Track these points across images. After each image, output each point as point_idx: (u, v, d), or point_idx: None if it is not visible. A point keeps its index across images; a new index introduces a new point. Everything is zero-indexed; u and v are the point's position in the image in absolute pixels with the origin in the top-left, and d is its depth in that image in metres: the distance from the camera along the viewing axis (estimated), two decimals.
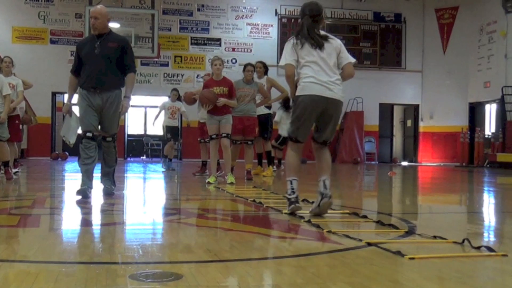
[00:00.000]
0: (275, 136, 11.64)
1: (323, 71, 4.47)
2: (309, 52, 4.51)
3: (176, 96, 12.28)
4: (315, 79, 4.44)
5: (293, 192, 4.47)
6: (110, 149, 5.95)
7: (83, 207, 4.97)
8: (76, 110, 6.02)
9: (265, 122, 10.19)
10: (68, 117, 6.03)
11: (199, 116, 10.02)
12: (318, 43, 4.52)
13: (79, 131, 5.96)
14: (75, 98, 5.96)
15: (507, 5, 18.16)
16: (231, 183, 7.69)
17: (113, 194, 5.93)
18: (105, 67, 5.63)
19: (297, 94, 4.53)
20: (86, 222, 4.29)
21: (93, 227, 4.09)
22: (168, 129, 12.06)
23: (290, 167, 4.65)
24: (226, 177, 8.12)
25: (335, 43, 4.65)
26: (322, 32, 4.64)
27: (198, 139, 10.28)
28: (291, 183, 4.51)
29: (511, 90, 17.41)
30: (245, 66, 9.06)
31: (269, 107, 10.41)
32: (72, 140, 6.12)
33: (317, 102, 4.44)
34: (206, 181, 8.11)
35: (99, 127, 5.78)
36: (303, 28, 4.60)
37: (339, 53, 4.61)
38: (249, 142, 8.89)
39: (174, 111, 11.89)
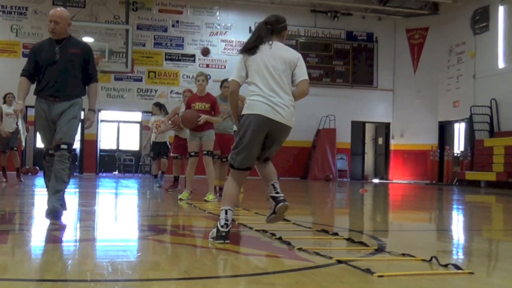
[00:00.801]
0: None
1: (272, 89, 4.00)
2: (258, 65, 4.04)
3: (157, 109, 11.90)
4: (262, 97, 3.97)
5: (226, 225, 3.88)
6: (64, 161, 5.08)
7: (52, 223, 4.88)
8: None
9: None
10: (21, 117, 5.71)
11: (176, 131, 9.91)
12: (266, 54, 4.06)
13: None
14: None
15: (475, 27, 18.64)
16: (209, 201, 7.52)
17: (61, 216, 4.96)
18: (66, 74, 5.15)
19: (243, 112, 4.06)
20: (55, 239, 4.22)
21: (62, 243, 4.03)
22: (153, 145, 11.68)
23: (227, 195, 4.05)
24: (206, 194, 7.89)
25: (292, 56, 4.15)
26: (279, 44, 4.17)
27: (172, 154, 10.15)
28: (226, 213, 3.92)
29: (479, 110, 17.78)
30: (222, 82, 8.95)
31: None
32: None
33: (262, 124, 3.97)
34: (178, 197, 8.01)
35: (55, 137, 5.13)
36: (254, 36, 4.18)
37: (294, 69, 4.12)
38: (224, 159, 8.70)
39: (158, 125, 11.54)
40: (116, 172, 20.05)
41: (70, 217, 5.52)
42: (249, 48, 4.12)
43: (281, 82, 4.04)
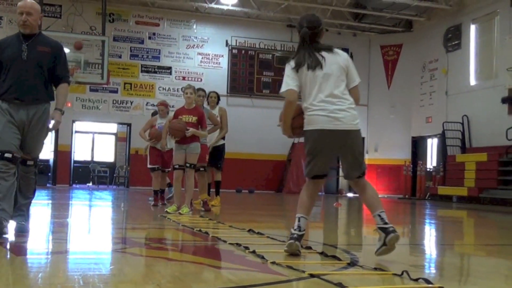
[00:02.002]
0: None
1: (328, 97, 3.90)
2: (311, 74, 3.93)
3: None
4: (320, 110, 3.88)
5: (299, 229, 3.96)
6: (30, 176, 4.78)
7: (20, 235, 4.78)
8: None
9: (220, 152, 10.06)
10: None
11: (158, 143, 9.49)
12: (318, 62, 3.94)
13: None
14: None
15: (448, 45, 19.01)
16: (183, 214, 7.46)
17: (27, 231, 4.79)
18: (33, 75, 4.66)
19: (304, 128, 3.99)
20: (24, 251, 4.16)
21: (32, 256, 3.97)
22: None
23: (302, 203, 4.09)
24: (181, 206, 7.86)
25: (341, 58, 4.04)
26: (325, 44, 4.07)
27: (149, 166, 9.70)
28: (299, 220, 3.99)
29: (452, 126, 18.09)
30: (197, 90, 8.88)
31: (223, 138, 10.26)
32: None
33: (328, 137, 3.89)
34: (165, 210, 7.84)
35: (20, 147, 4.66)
36: (302, 44, 4.04)
37: (347, 72, 4.00)
38: (201, 169, 8.62)
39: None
40: (90, 184, 19.85)
41: (42, 229, 5.45)
42: (300, 63, 3.97)
43: (337, 88, 3.93)
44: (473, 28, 18.15)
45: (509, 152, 15.44)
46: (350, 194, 21.49)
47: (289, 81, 3.95)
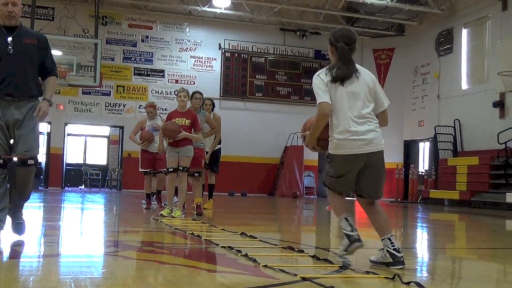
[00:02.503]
0: None
1: (356, 118, 3.74)
2: (341, 91, 3.77)
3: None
4: (349, 132, 3.72)
5: (352, 228, 3.82)
6: (29, 176, 4.55)
7: (14, 237, 4.75)
8: None
9: (217, 155, 10.05)
10: None
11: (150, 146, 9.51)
12: (352, 79, 3.80)
13: None
14: None
15: (440, 49, 19.12)
16: (176, 217, 7.44)
17: (24, 231, 4.73)
18: (24, 69, 4.46)
19: (330, 151, 3.84)
20: (16, 254, 4.13)
21: (24, 259, 3.95)
22: None
23: (337, 206, 3.94)
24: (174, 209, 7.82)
25: (369, 78, 3.89)
26: (358, 66, 3.92)
27: (141, 170, 9.64)
28: (347, 220, 3.82)
29: (443, 130, 18.17)
30: (193, 94, 8.90)
31: (219, 142, 10.13)
32: None
33: (354, 160, 3.76)
34: (160, 213, 7.78)
35: (16, 147, 4.43)
36: (340, 59, 3.84)
37: (375, 94, 3.86)
38: (196, 174, 8.57)
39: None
40: (83, 187, 19.78)
41: (34, 232, 5.43)
42: (337, 78, 3.78)
43: (366, 108, 3.78)
44: (464, 32, 18.26)
45: (501, 156, 15.53)
46: None
47: (321, 94, 3.75)
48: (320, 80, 3.79)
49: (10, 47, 4.44)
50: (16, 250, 4.34)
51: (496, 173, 15.75)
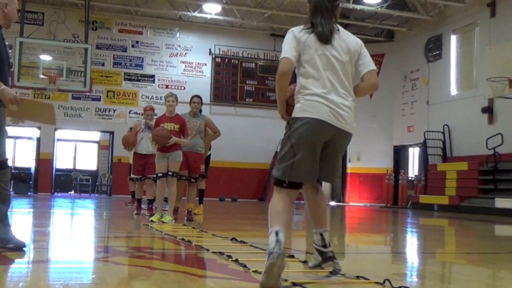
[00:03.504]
0: None
1: (334, 86, 3.24)
2: (317, 54, 3.25)
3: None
4: (322, 97, 3.20)
5: (278, 248, 3.12)
6: (7, 181, 4.36)
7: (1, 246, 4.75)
8: None
9: (207, 161, 10.01)
10: None
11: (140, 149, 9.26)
12: (331, 36, 3.28)
13: None
14: None
15: (429, 55, 19.25)
16: (168, 222, 7.41)
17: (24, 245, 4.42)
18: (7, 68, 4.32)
19: (294, 115, 3.24)
20: (6, 260, 4.10)
21: (13, 265, 3.93)
22: None
23: (276, 212, 3.24)
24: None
25: (355, 42, 3.40)
26: (340, 27, 3.42)
27: (133, 176, 9.51)
28: (277, 235, 3.15)
29: (433, 135, 18.28)
30: (191, 98, 8.88)
31: (210, 147, 10.13)
32: None
33: (323, 131, 3.20)
34: (150, 219, 7.71)
35: None
36: (316, 13, 3.33)
37: (357, 58, 3.38)
38: (193, 180, 8.55)
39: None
40: (72, 192, 19.69)
41: (23, 238, 5.39)
42: (310, 29, 3.28)
43: (344, 78, 3.28)
44: (453, 38, 18.40)
45: (489, 161, 15.63)
46: (332, 203, 21.56)
47: (287, 48, 3.24)
48: (292, 35, 3.29)
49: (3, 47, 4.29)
50: (6, 256, 4.28)
51: (485, 178, 15.85)
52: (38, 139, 19.12)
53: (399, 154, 21.06)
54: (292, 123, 3.23)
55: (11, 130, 4.76)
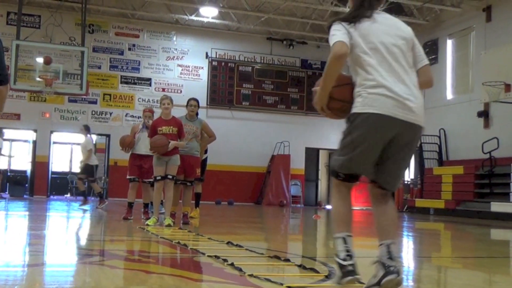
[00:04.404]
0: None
1: (398, 75, 2.97)
2: (372, 40, 3.00)
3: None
4: (387, 89, 2.92)
5: (349, 256, 2.96)
6: None
7: None
8: None
9: (203, 164, 10.03)
10: None
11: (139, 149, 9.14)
12: (381, 24, 3.06)
13: None
14: None
15: None
16: (168, 225, 7.41)
17: None
18: None
19: (356, 110, 2.97)
20: (0, 263, 4.11)
21: (8, 268, 3.92)
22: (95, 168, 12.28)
23: (339, 217, 3.11)
24: (163, 219, 7.79)
25: (408, 30, 3.15)
26: (386, 14, 3.20)
27: (128, 177, 9.25)
28: (345, 242, 3.00)
29: (429, 139, 18.32)
30: (188, 101, 8.87)
31: (206, 151, 10.16)
32: None
33: (388, 127, 2.93)
34: (146, 223, 7.66)
35: None
36: (361, 4, 3.11)
37: (412, 46, 3.11)
38: (188, 184, 8.54)
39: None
40: (68, 195, 19.65)
41: (18, 241, 5.39)
42: (359, 16, 3.04)
43: (406, 66, 3.02)
44: (449, 43, 18.47)
45: (485, 165, 15.67)
46: (329, 206, 21.57)
47: (339, 34, 2.97)
48: (341, 25, 3.03)
49: None
50: (1, 259, 4.32)
51: (480, 182, 15.89)
52: (34, 142, 19.10)
53: None
54: (354, 119, 2.97)
55: (7, 132, 4.78)
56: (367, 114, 2.91)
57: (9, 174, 18.67)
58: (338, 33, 2.95)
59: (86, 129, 12.80)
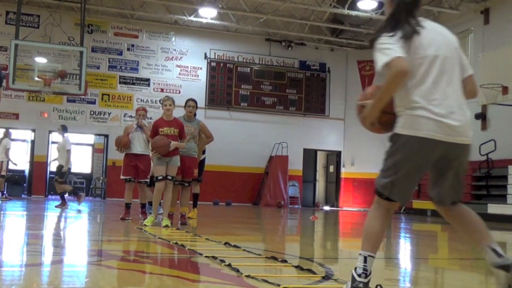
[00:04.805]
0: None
1: (444, 92, 2.83)
2: (425, 53, 2.85)
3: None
4: (427, 110, 2.79)
5: (364, 274, 2.92)
6: None
7: None
8: None
9: (201, 165, 10.05)
10: None
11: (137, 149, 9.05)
12: (434, 33, 2.93)
13: None
14: None
15: None
16: (166, 226, 7.44)
17: None
18: None
19: (397, 131, 2.87)
20: None
21: (6, 268, 3.92)
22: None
23: (368, 235, 2.97)
24: (161, 219, 7.81)
25: (454, 38, 3.00)
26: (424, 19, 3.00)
27: (122, 177, 9.14)
28: (365, 261, 2.93)
29: None
30: (186, 101, 8.87)
31: (204, 151, 10.17)
32: None
33: (430, 150, 2.83)
34: (143, 223, 7.66)
35: None
36: (400, 15, 2.92)
37: (459, 56, 2.97)
38: (186, 184, 8.56)
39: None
40: (66, 195, 19.62)
41: (16, 241, 5.40)
42: (410, 33, 2.85)
43: (455, 80, 2.89)
44: None
45: (482, 167, 15.71)
46: (326, 207, 21.62)
47: (393, 47, 2.78)
48: (389, 38, 2.84)
49: None
50: None
51: (478, 184, 15.93)
52: (33, 142, 19.10)
53: None
54: (395, 140, 2.88)
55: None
56: (407, 137, 2.82)
57: (7, 173, 18.64)
58: (393, 47, 2.78)
59: (64, 129, 12.82)
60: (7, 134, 15.22)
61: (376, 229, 2.95)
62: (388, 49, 2.77)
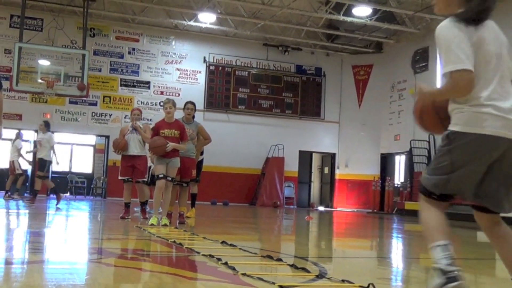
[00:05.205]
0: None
1: (503, 87, 2.65)
2: (486, 50, 2.64)
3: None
4: (494, 107, 2.59)
5: (453, 264, 2.62)
6: None
7: None
8: None
9: (199, 165, 10.14)
10: None
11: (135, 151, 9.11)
12: (490, 31, 2.70)
13: None
14: None
15: (416, 66, 19.70)
16: (165, 225, 7.48)
17: None
18: None
19: (457, 128, 2.65)
20: (0, 260, 4.05)
21: (7, 265, 3.86)
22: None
23: (433, 228, 2.76)
24: (160, 219, 7.78)
25: (504, 36, 2.77)
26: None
27: (120, 177, 9.15)
28: (446, 249, 2.65)
29: (418, 144, 18.65)
30: (185, 104, 8.92)
31: (202, 152, 10.25)
32: None
33: (494, 148, 2.60)
34: (149, 223, 7.54)
35: None
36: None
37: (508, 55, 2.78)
38: (184, 184, 8.58)
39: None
40: (68, 194, 19.91)
41: (18, 238, 5.47)
42: (484, 13, 2.66)
43: (510, 76, 2.72)
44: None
45: None
46: (321, 208, 21.91)
47: (461, 55, 2.58)
48: (458, 31, 2.65)
49: None
50: (0, 256, 4.31)
51: None
52: (35, 142, 19.32)
53: (386, 162, 21.32)
54: (454, 138, 2.65)
55: (8, 132, 4.92)
56: (472, 136, 2.60)
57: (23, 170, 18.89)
58: (463, 57, 2.57)
59: (46, 126, 13.00)
60: (18, 135, 15.56)
61: (436, 219, 2.76)
62: (458, 56, 2.58)
